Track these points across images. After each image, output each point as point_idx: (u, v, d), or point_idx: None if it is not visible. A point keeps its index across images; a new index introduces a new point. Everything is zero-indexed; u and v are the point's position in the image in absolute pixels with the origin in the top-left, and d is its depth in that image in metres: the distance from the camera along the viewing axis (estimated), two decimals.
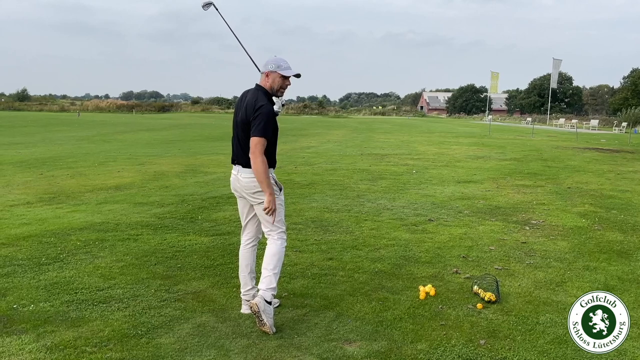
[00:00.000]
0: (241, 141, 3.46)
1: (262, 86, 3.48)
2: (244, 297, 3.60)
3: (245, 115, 3.41)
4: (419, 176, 10.50)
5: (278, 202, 3.43)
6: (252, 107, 3.37)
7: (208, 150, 15.80)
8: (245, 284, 3.62)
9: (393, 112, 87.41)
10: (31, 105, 69.39)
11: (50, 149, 15.79)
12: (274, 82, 3.45)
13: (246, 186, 3.46)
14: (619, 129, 40.32)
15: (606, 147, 20.17)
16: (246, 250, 3.66)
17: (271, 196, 3.34)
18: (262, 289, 3.36)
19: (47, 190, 8.20)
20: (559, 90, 68.51)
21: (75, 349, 3.01)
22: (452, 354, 3.05)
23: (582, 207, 7.57)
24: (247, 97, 3.48)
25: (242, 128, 3.44)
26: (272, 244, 3.47)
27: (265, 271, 3.40)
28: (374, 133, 28.29)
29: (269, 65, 3.44)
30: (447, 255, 5.04)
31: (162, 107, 73.97)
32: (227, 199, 7.61)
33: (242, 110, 3.46)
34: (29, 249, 4.92)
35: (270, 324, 3.26)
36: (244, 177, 3.47)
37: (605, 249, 5.37)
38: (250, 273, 3.62)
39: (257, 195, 3.43)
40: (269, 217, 3.40)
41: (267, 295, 3.32)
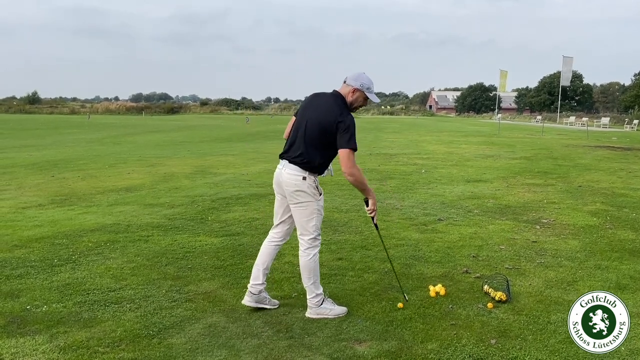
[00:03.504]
0: (308, 140, 3.41)
1: (343, 97, 3.47)
2: (250, 289, 3.60)
3: (324, 118, 3.38)
4: (428, 175, 10.47)
5: (317, 206, 3.45)
6: (338, 114, 3.36)
7: (217, 152, 15.87)
8: (256, 277, 3.61)
9: (401, 112, 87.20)
10: (42, 108, 70.07)
11: (61, 151, 15.94)
12: (357, 100, 3.49)
13: (287, 182, 3.44)
14: (630, 126, 39.94)
15: (617, 145, 19.99)
16: (269, 247, 3.66)
17: (373, 199, 3.55)
18: (308, 301, 3.54)
19: (59, 192, 8.28)
20: (569, 88, 67.92)
21: (88, 349, 3.04)
22: (462, 353, 3.04)
23: (594, 205, 7.52)
24: (327, 101, 3.46)
25: (313, 128, 3.40)
26: (302, 255, 3.51)
27: (304, 284, 3.56)
28: (382, 133, 28.25)
29: (359, 83, 3.45)
30: (457, 254, 5.02)
31: (171, 109, 74.35)
32: (237, 200, 7.65)
33: (318, 112, 3.43)
34: (42, 251, 4.97)
35: (335, 314, 3.49)
36: (288, 172, 3.45)
37: (617, 247, 5.32)
38: (265, 270, 3.63)
39: (296, 194, 3.42)
40: (303, 221, 3.46)
41: (311, 303, 3.52)
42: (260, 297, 3.60)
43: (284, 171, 3.47)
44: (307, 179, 3.41)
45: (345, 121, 3.34)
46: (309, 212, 3.45)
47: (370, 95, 3.49)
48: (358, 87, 3.45)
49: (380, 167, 11.54)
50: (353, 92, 3.46)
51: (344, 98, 3.47)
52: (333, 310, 3.52)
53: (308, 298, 3.53)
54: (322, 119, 3.39)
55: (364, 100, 3.49)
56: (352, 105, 3.49)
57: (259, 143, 19.88)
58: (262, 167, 11.56)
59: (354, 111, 3.53)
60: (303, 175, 3.40)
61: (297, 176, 3.40)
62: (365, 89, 3.46)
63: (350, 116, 3.40)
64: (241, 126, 35.79)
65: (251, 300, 3.58)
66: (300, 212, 3.46)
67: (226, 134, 26.93)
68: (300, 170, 3.41)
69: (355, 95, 3.47)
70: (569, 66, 52.44)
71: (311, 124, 3.43)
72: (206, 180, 9.79)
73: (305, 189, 3.41)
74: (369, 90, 3.48)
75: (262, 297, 3.61)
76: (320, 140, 3.40)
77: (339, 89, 3.53)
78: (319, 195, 3.48)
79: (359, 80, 3.46)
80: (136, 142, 19.99)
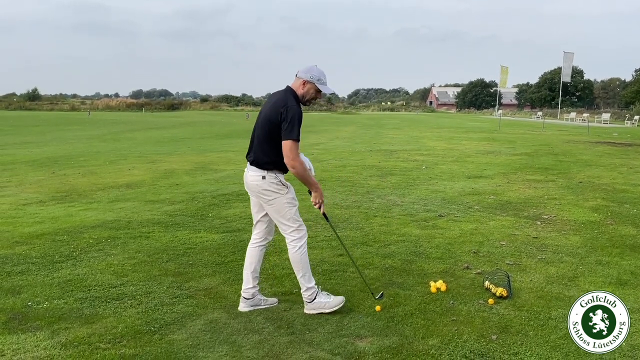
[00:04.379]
0: (259, 138, 3.44)
1: (294, 90, 3.47)
2: (243, 294, 3.61)
3: (270, 112, 3.38)
4: (429, 172, 10.47)
5: (285, 200, 3.44)
6: (281, 105, 3.34)
7: (217, 148, 15.86)
8: (247, 282, 3.62)
9: (402, 108, 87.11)
10: (42, 104, 69.97)
11: (62, 148, 15.93)
12: (308, 92, 3.46)
13: (250, 184, 3.50)
14: (631, 122, 39.88)
15: (618, 141, 19.97)
16: (253, 249, 3.66)
17: (317, 191, 3.49)
18: (302, 293, 3.55)
19: (59, 189, 8.28)
20: (570, 84, 67.81)
21: (89, 345, 3.05)
22: (463, 349, 3.04)
23: (594, 201, 7.51)
24: (277, 97, 3.46)
25: (263, 125, 3.42)
26: (289, 248, 3.52)
27: (297, 278, 3.57)
28: (383, 129, 28.23)
29: (309, 75, 3.44)
30: (458, 250, 5.02)
31: (171, 105, 74.28)
32: (237, 196, 7.64)
33: (267, 108, 3.45)
34: (43, 247, 4.97)
35: (331, 307, 3.48)
36: (250, 174, 3.49)
37: (618, 243, 5.32)
38: (253, 272, 3.62)
39: (262, 193, 3.45)
40: (278, 217, 3.48)
41: (305, 297, 3.51)
42: (255, 300, 3.60)
43: (248, 174, 3.51)
44: (266, 177, 3.41)
45: (289, 111, 3.30)
46: (278, 207, 3.45)
47: (322, 87, 3.46)
48: (308, 79, 3.43)
49: (381, 164, 11.53)
50: (304, 84, 3.45)
51: (294, 92, 3.46)
52: (329, 303, 3.51)
53: (302, 292, 3.54)
54: (269, 114, 3.39)
55: (315, 92, 3.47)
56: (304, 97, 3.47)
57: None
58: None
59: (306, 104, 3.52)
60: (262, 175, 3.41)
61: (257, 176, 3.43)
62: (315, 80, 3.44)
63: (294, 106, 3.35)
64: (241, 122, 35.77)
65: (246, 305, 3.59)
66: (272, 209, 3.48)
67: (226, 130, 26.91)
68: (259, 170, 3.43)
69: (306, 88, 3.45)
70: (570, 62, 52.38)
71: (261, 122, 3.45)
72: (207, 176, 9.78)
73: (268, 187, 3.42)
74: (320, 81, 3.45)
75: (257, 300, 3.61)
76: (270, 135, 3.38)
77: (291, 83, 3.51)
78: (286, 189, 3.46)
79: (309, 73, 3.45)
80: (136, 139, 19.98)
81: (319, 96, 3.53)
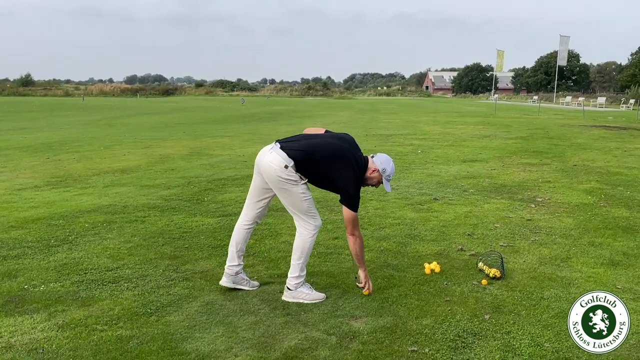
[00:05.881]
0: (314, 151, 3.36)
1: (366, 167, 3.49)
2: (227, 270, 3.61)
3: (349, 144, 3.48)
4: (425, 156, 10.49)
5: (300, 189, 3.36)
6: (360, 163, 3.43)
7: (213, 133, 15.82)
8: (232, 259, 3.61)
9: (398, 93, 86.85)
10: (35, 90, 69.35)
11: (56, 133, 15.85)
12: (372, 179, 3.51)
13: (266, 167, 3.36)
14: (627, 106, 39.94)
15: (613, 125, 20.02)
16: (241, 230, 3.63)
17: (365, 272, 3.51)
18: (287, 280, 3.51)
19: (54, 174, 8.26)
20: (566, 68, 67.68)
21: (86, 327, 3.07)
22: (456, 328, 3.09)
23: (588, 184, 7.56)
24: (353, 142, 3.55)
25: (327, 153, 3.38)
26: (299, 234, 3.48)
27: (292, 261, 3.51)
28: (378, 114, 28.18)
29: (383, 166, 3.49)
30: (453, 233, 5.06)
31: (166, 91, 73.78)
32: (233, 181, 7.65)
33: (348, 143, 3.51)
34: (38, 232, 4.98)
35: (311, 299, 3.43)
36: (271, 157, 3.35)
37: (611, 225, 5.37)
38: (239, 251, 3.62)
39: (278, 180, 3.33)
40: (293, 209, 3.43)
41: (290, 283, 3.47)
42: (238, 278, 3.60)
43: (268, 155, 3.37)
44: (289, 167, 3.31)
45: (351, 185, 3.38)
46: (293, 197, 3.38)
47: (385, 184, 3.54)
48: (380, 170, 3.49)
49: (377, 148, 11.54)
50: (374, 170, 3.50)
51: (366, 168, 3.49)
52: (310, 295, 3.45)
53: (289, 277, 3.47)
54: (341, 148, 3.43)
55: (377, 182, 3.54)
56: (366, 180, 3.52)
57: (255, 124, 19.80)
58: (257, 148, 11.42)
59: (363, 185, 3.55)
60: (286, 164, 3.30)
61: (280, 162, 3.29)
62: (385, 174, 3.50)
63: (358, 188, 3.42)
64: (237, 108, 35.62)
65: (228, 281, 3.59)
66: (286, 199, 3.40)
67: (221, 115, 26.79)
68: (286, 159, 3.31)
69: (373, 174, 3.50)
70: (566, 45, 52.28)
71: (332, 145, 3.43)
72: (202, 161, 9.77)
73: (285, 176, 3.32)
74: (387, 178, 3.52)
75: (240, 278, 3.61)
76: (325, 164, 3.37)
77: (369, 159, 3.55)
78: (302, 180, 3.38)
79: (384, 164, 3.50)
80: (131, 124, 19.88)
81: (376, 186, 3.60)
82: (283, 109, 32.99)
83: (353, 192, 3.37)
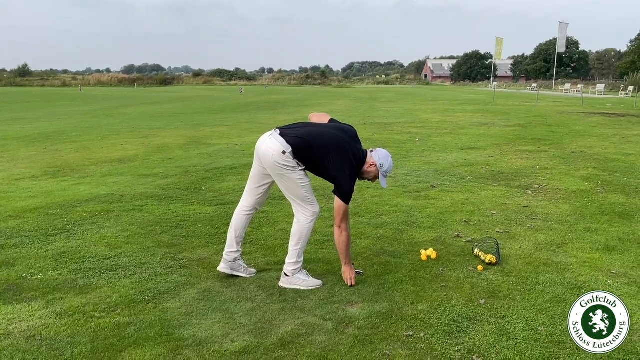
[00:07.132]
0: (313, 139, 3.36)
1: (365, 161, 3.49)
2: (225, 256, 3.63)
3: (349, 136, 3.49)
4: (422, 144, 10.48)
5: (297, 175, 3.36)
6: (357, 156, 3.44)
7: (210, 123, 15.78)
8: (231, 245, 3.63)
9: (397, 81, 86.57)
10: (33, 80, 69.09)
11: (54, 123, 15.81)
12: (369, 173, 3.51)
13: (265, 152, 3.36)
14: (625, 93, 39.86)
15: (612, 112, 19.99)
16: (240, 216, 3.65)
17: (347, 266, 3.50)
18: (285, 267, 3.52)
19: (52, 164, 8.25)
20: (565, 55, 67.40)
21: (84, 314, 3.09)
22: (452, 313, 3.11)
23: (586, 170, 7.57)
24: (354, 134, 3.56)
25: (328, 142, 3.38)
26: (297, 221, 3.50)
27: (289, 247, 3.53)
28: (377, 102, 28.10)
29: (382, 162, 3.48)
30: (449, 220, 5.07)
31: (164, 80, 73.45)
32: (231, 170, 7.65)
33: (349, 135, 3.51)
34: (36, 221, 4.99)
35: (308, 286, 3.44)
36: (270, 142, 3.35)
37: (607, 211, 5.39)
38: (237, 237, 3.63)
39: (276, 165, 3.33)
40: (291, 195, 3.44)
41: (287, 269, 3.48)
42: (235, 264, 3.61)
43: (267, 141, 3.37)
44: (286, 153, 3.30)
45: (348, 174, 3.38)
46: (290, 183, 3.38)
47: (381, 179, 3.52)
48: (377, 164, 3.48)
49: (375, 137, 11.53)
50: (372, 164, 3.49)
51: (364, 161, 3.49)
52: (306, 282, 3.47)
53: (286, 262, 3.49)
54: (348, 137, 3.46)
55: (373, 177, 3.53)
56: (362, 174, 3.52)
57: (253, 114, 19.75)
58: (255, 138, 11.41)
59: (359, 178, 3.55)
60: (284, 150, 3.30)
61: (278, 147, 3.29)
62: (382, 170, 3.49)
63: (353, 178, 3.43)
64: (235, 97, 35.52)
65: (226, 267, 3.61)
66: (284, 184, 3.40)
67: (219, 104, 26.72)
68: (284, 145, 3.30)
69: (370, 168, 3.49)
70: (564, 32, 52.01)
71: (331, 135, 3.43)
72: (200, 150, 9.77)
73: (283, 162, 3.31)
74: (384, 174, 3.51)
75: (238, 264, 3.62)
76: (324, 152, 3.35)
77: (368, 152, 3.54)
78: (300, 167, 3.38)
79: (382, 160, 3.49)
80: (129, 114, 19.83)
81: (372, 181, 3.60)
82: (281, 98, 32.88)
83: (347, 184, 3.38)
